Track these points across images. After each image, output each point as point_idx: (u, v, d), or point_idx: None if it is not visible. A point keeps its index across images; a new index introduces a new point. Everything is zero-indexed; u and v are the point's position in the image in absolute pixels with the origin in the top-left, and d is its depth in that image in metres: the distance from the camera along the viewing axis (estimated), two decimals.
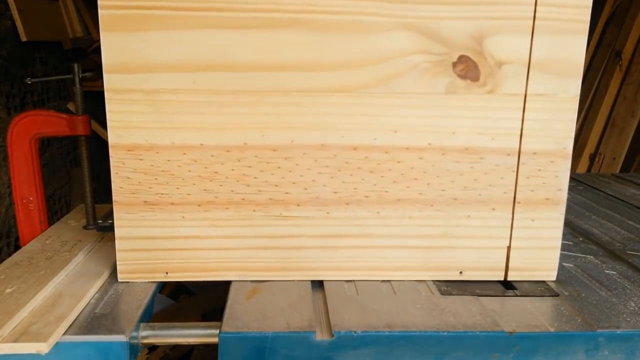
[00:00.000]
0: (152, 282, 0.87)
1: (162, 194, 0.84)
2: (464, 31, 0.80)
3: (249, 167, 0.83)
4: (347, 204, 0.85)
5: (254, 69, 0.80)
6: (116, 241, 0.85)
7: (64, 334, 0.71)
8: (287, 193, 0.85)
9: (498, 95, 0.82)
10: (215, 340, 0.74)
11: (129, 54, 0.78)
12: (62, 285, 0.84)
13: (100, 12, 0.77)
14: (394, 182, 0.85)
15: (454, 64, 0.81)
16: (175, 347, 1.65)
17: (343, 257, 0.87)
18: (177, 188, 0.84)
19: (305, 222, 0.86)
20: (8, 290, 0.78)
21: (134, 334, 0.74)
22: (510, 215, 0.86)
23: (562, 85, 0.82)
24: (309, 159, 0.83)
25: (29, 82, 1.08)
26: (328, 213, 0.86)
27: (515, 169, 0.85)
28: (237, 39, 0.79)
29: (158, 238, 0.85)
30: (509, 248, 0.88)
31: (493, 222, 0.87)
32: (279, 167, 0.84)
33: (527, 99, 0.82)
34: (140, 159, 0.82)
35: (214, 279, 0.88)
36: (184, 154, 0.82)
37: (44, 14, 2.18)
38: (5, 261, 0.90)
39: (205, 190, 0.84)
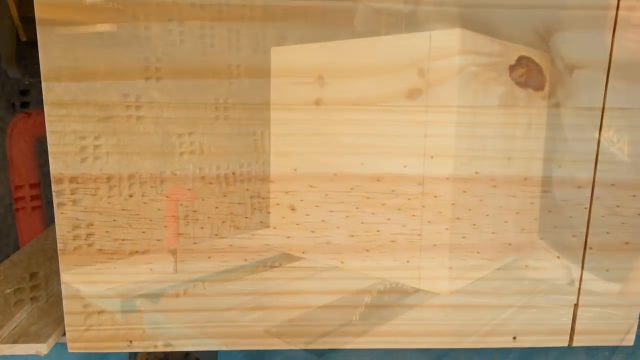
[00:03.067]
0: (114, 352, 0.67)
1: (123, 240, 0.64)
2: (525, 24, 0.60)
3: (239, 204, 0.64)
4: (367, 250, 0.65)
5: (243, 75, 0.60)
6: (64, 301, 0.65)
7: (63, 335, 0.68)
8: (288, 237, 0.65)
9: (568, 109, 0.62)
10: None
11: (76, 55, 0.58)
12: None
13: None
14: (429, 223, 0.65)
15: (512, 68, 0.61)
16: None
17: (362, 320, 0.67)
18: (143, 232, 0.64)
19: (312, 274, 0.66)
20: (8, 291, 0.78)
21: None
22: (580, 265, 0.67)
23: None
24: (317, 194, 0.64)
25: (27, 82, 1.08)
26: (342, 262, 0.66)
27: (588, 205, 0.65)
28: (220, 35, 0.59)
29: (118, 297, 0.65)
30: (576, 306, 0.68)
31: (557, 273, 0.67)
32: (277, 204, 0.64)
33: (604, 113, 0.63)
34: (93, 195, 0.62)
35: (192, 348, 0.68)
36: (152, 187, 0.62)
37: None
38: (5, 261, 0.89)
39: (180, 234, 0.64)
